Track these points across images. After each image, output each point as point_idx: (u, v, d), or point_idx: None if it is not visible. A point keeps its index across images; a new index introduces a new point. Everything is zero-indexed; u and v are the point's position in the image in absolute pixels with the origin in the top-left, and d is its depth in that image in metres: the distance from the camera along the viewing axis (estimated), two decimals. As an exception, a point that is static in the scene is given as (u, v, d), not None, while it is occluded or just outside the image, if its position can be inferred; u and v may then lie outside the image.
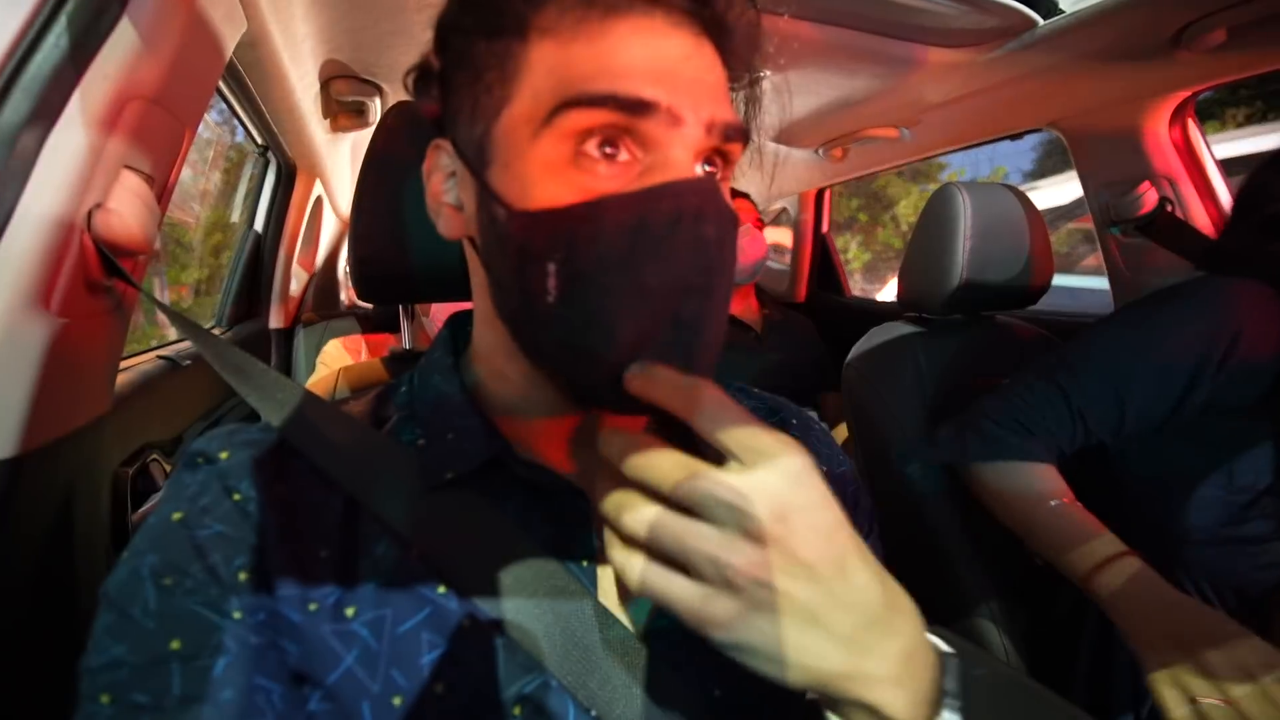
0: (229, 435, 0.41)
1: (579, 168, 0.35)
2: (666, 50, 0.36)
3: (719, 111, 0.37)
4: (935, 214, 1.09)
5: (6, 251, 0.44)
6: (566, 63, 0.35)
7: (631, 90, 0.34)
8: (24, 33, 0.44)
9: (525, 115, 0.36)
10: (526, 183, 0.36)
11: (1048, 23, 0.90)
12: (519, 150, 0.37)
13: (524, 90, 0.36)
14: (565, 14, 0.36)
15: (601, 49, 0.35)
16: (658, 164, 0.36)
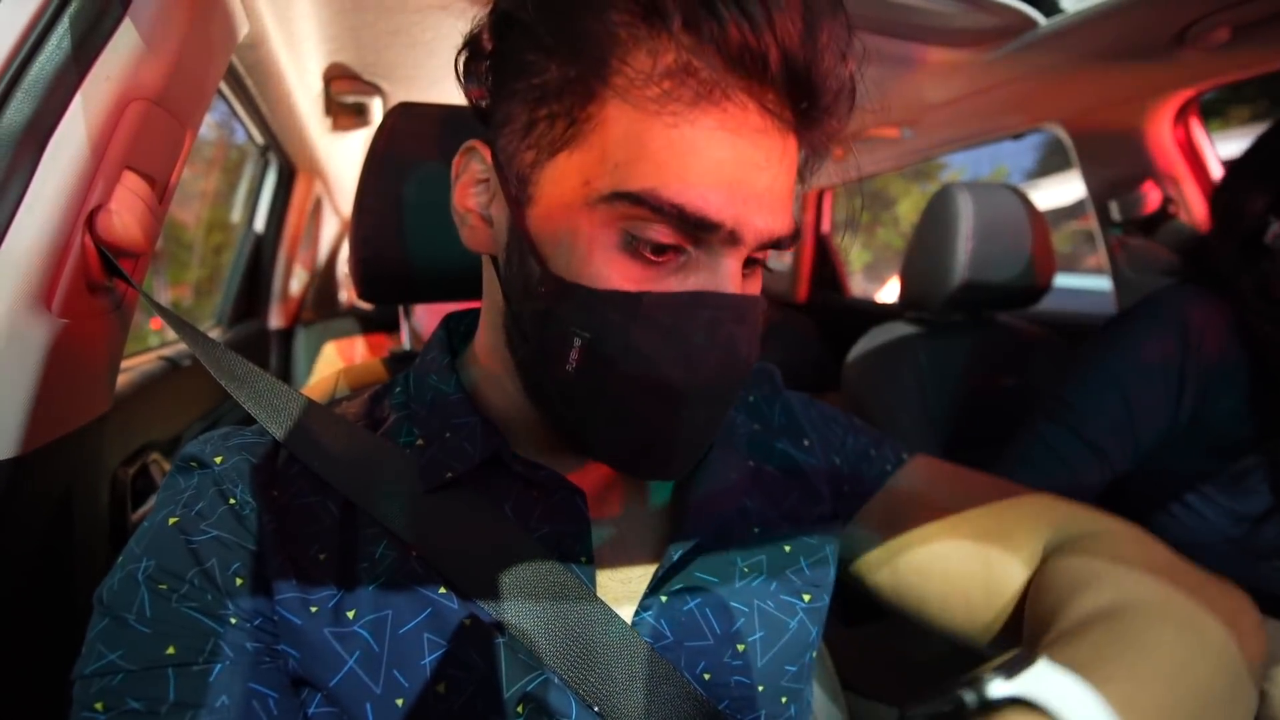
0: (223, 439, 0.41)
1: (625, 253, 0.34)
2: (749, 159, 0.33)
3: (778, 225, 0.35)
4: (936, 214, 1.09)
5: (9, 252, 0.44)
6: (642, 141, 0.32)
7: (699, 208, 0.32)
8: (26, 34, 0.44)
9: (584, 175, 0.34)
10: (567, 249, 0.35)
11: (1049, 22, 0.90)
12: (566, 209, 0.35)
13: (590, 145, 0.34)
14: (653, 81, 0.32)
15: (681, 142, 0.32)
16: (704, 266, 0.35)
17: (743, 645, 0.41)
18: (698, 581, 0.42)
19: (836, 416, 0.57)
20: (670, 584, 0.41)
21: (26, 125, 0.44)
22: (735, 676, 0.40)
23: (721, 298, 0.35)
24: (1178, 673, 0.33)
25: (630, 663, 0.37)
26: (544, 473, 0.41)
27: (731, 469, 0.46)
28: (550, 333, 0.36)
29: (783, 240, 0.36)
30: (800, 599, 0.45)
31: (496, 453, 0.41)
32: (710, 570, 0.43)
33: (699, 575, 0.42)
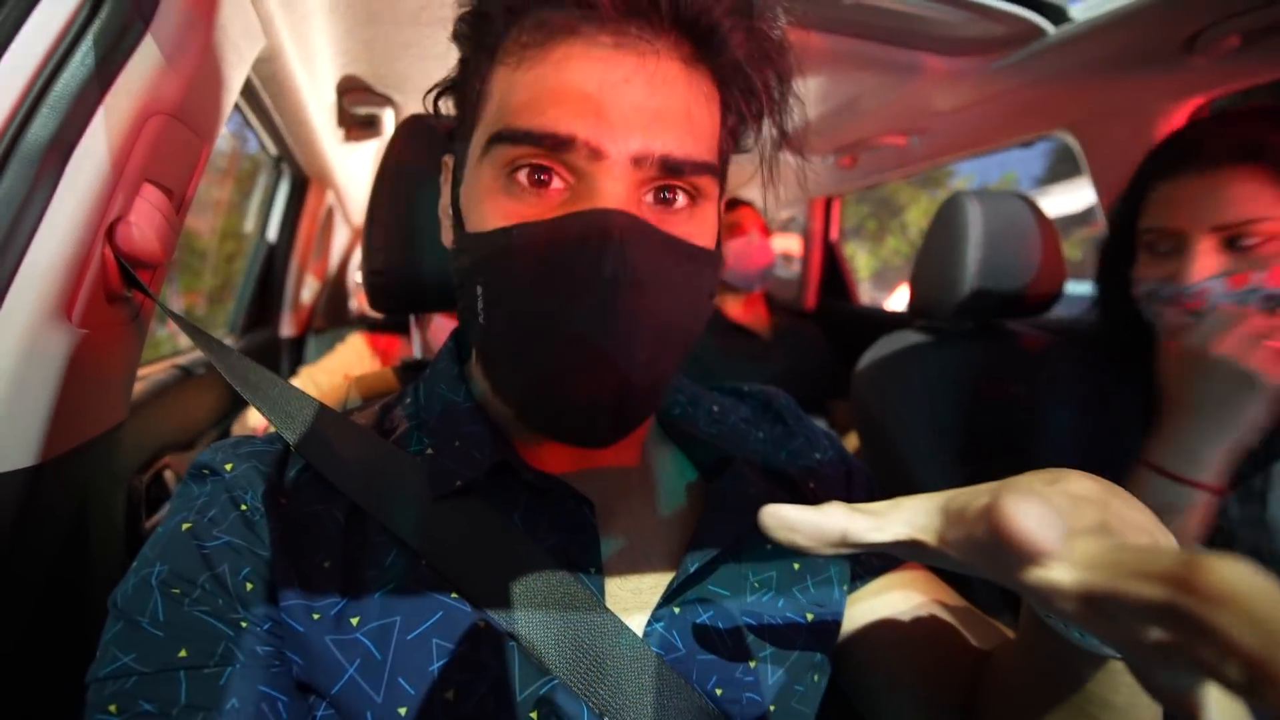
0: (234, 447, 0.42)
1: (509, 194, 0.36)
2: (599, 76, 0.34)
3: (656, 143, 0.35)
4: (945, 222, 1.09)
5: (32, 264, 0.45)
6: (508, 91, 0.37)
7: (546, 126, 0.34)
8: (52, 51, 0.45)
9: (477, 141, 0.39)
10: (471, 205, 0.39)
11: (1057, 30, 0.90)
12: (472, 174, 0.39)
13: (483, 115, 0.39)
14: (518, 39, 0.37)
15: (534, 79, 0.35)
16: (584, 193, 0.35)
17: (754, 661, 0.41)
18: (710, 594, 0.42)
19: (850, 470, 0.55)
20: (684, 595, 0.41)
21: (50, 140, 0.45)
22: (747, 693, 0.40)
23: (582, 213, 0.34)
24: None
25: (640, 674, 0.37)
26: (553, 482, 0.41)
27: (748, 482, 0.46)
28: (464, 290, 0.39)
29: (677, 163, 0.35)
30: (804, 617, 0.44)
31: (506, 461, 0.41)
32: (723, 583, 0.42)
33: (712, 588, 0.42)
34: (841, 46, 0.99)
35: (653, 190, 0.37)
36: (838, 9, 0.84)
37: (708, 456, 0.48)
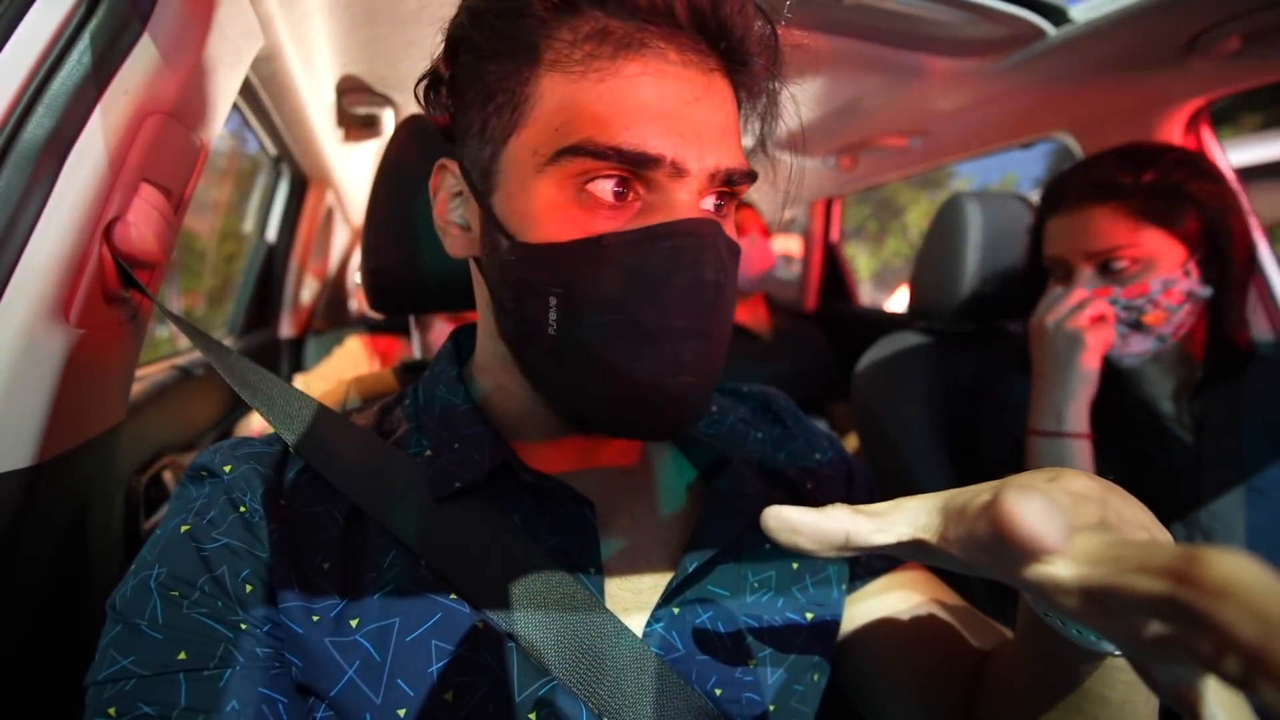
0: (232, 449, 0.41)
1: (582, 206, 0.36)
2: (675, 94, 0.36)
3: (724, 159, 0.37)
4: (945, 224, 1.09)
5: (29, 263, 0.45)
6: (575, 101, 0.35)
7: (636, 144, 0.34)
8: (49, 50, 0.45)
9: (532, 148, 0.37)
10: (529, 216, 0.37)
11: (1058, 32, 0.89)
12: (523, 182, 0.37)
13: (532, 121, 0.37)
14: (576, 47, 0.36)
15: (609, 92, 0.35)
16: (660, 204, 0.36)
17: (753, 661, 0.41)
18: (709, 594, 0.42)
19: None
20: (683, 595, 0.41)
21: (47, 139, 0.45)
22: (746, 693, 0.40)
23: (676, 224, 0.35)
24: None
25: (640, 675, 0.37)
26: (553, 483, 0.41)
27: (747, 483, 0.46)
28: (528, 302, 0.38)
29: (736, 176, 0.38)
30: (803, 616, 0.44)
31: (505, 463, 0.41)
32: (722, 583, 0.42)
33: (711, 588, 0.42)
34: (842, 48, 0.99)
35: (709, 199, 0.38)
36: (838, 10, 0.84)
37: (706, 457, 0.48)
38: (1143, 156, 0.80)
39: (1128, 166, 0.80)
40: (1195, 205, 0.77)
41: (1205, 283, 0.80)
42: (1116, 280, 0.80)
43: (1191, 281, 0.79)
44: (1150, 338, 0.80)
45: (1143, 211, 0.78)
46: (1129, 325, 0.80)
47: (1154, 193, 0.78)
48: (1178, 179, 0.78)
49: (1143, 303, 0.79)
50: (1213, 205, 0.78)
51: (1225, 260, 0.78)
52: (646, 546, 0.44)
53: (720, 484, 0.45)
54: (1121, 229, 0.79)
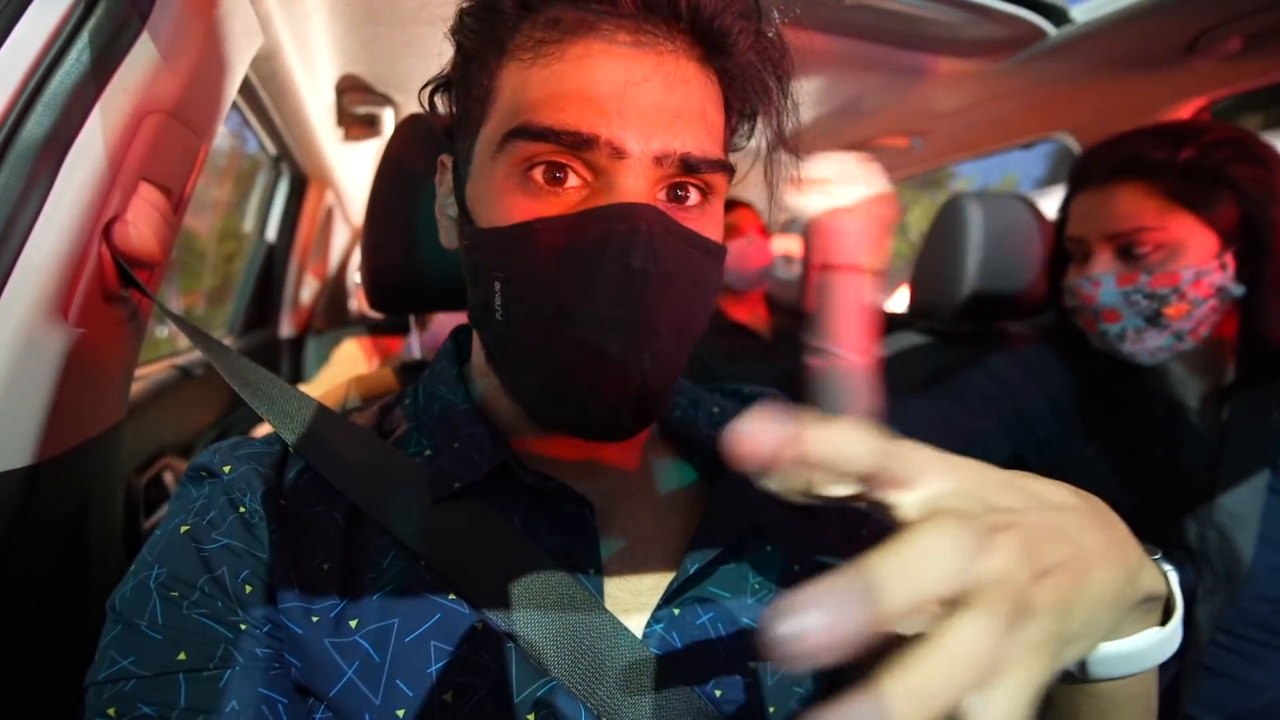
0: (232, 449, 0.41)
1: (525, 191, 0.36)
2: (619, 75, 0.34)
3: (675, 142, 0.35)
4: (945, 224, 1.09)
5: (28, 262, 0.45)
6: (522, 87, 0.36)
7: (569, 124, 0.34)
8: (48, 48, 0.45)
9: (489, 136, 0.38)
10: (484, 201, 0.38)
11: (1059, 32, 0.90)
12: (483, 170, 0.39)
13: (495, 111, 0.38)
14: (531, 35, 0.36)
15: (552, 74, 0.35)
16: (603, 189, 0.35)
17: (753, 663, 0.41)
18: (710, 595, 0.42)
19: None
20: (683, 596, 0.41)
21: (46, 137, 0.45)
22: (746, 695, 0.40)
23: (606, 207, 0.34)
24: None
25: (639, 676, 0.37)
26: (552, 484, 0.41)
27: (747, 484, 0.46)
28: (480, 286, 0.39)
29: (695, 162, 0.36)
30: None
31: (505, 463, 0.41)
32: (723, 585, 0.42)
33: (711, 589, 0.42)
34: (843, 48, 0.99)
35: (666, 188, 0.37)
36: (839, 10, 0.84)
37: (708, 458, 0.48)
38: (1183, 133, 0.73)
39: (1164, 142, 0.72)
40: (1235, 191, 0.69)
41: (1240, 279, 0.72)
42: (1140, 265, 0.72)
43: (1226, 276, 0.71)
44: (1165, 333, 0.73)
45: (1174, 192, 0.70)
46: (1145, 318, 0.73)
47: (1189, 173, 0.70)
48: (1219, 159, 0.70)
49: (1168, 293, 0.71)
50: (1255, 193, 0.69)
51: (1264, 255, 0.70)
52: (646, 547, 0.43)
53: (721, 486, 0.45)
54: (1148, 209, 0.71)
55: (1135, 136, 0.75)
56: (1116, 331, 0.75)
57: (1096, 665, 0.28)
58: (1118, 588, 0.25)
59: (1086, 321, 0.79)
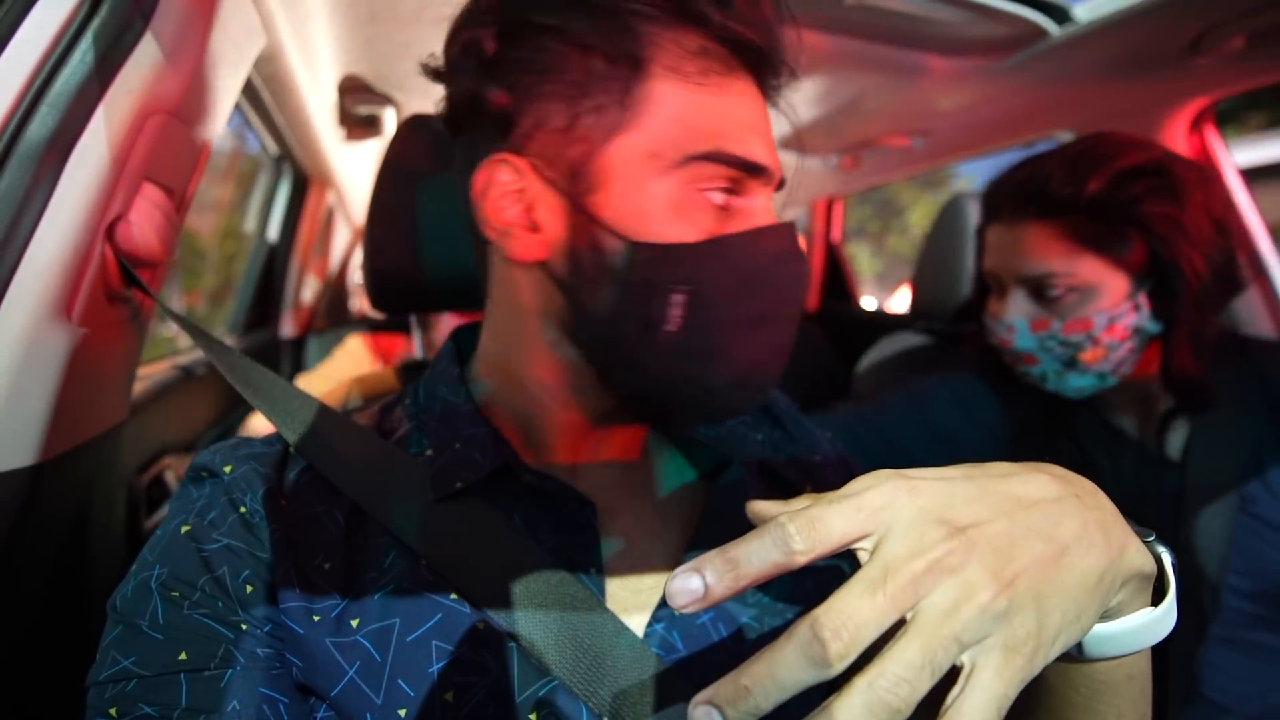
0: (233, 449, 0.41)
1: (700, 209, 0.38)
2: (764, 114, 0.41)
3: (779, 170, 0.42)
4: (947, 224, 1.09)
5: (31, 262, 0.45)
6: (698, 110, 0.38)
7: (757, 157, 0.39)
8: (52, 48, 0.45)
9: (650, 150, 0.37)
10: (649, 217, 0.37)
11: (1061, 32, 0.89)
12: (638, 182, 0.37)
13: (648, 122, 0.37)
14: (689, 59, 0.38)
15: (728, 107, 0.39)
16: (746, 209, 0.40)
17: None
18: None
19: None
20: None
21: (50, 138, 0.45)
22: None
23: (778, 226, 0.41)
24: None
25: (641, 675, 0.37)
26: (553, 484, 0.41)
27: (747, 484, 0.46)
28: (654, 299, 0.38)
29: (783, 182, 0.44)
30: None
31: (506, 463, 0.41)
32: None
33: None
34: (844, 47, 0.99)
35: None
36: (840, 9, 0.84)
37: (707, 458, 0.48)
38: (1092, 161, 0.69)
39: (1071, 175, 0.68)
40: (1144, 232, 0.67)
41: (1158, 316, 0.70)
42: (1053, 310, 0.70)
43: (1141, 316, 0.69)
44: (1086, 374, 0.72)
45: (1081, 234, 0.68)
46: (1063, 363, 0.72)
47: (1096, 212, 0.67)
48: (1127, 196, 0.67)
49: (1082, 339, 0.69)
50: (1164, 233, 0.66)
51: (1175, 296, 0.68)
52: (647, 547, 0.44)
53: (721, 485, 0.45)
54: (1056, 253, 0.69)
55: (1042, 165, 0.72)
56: (1038, 373, 0.75)
57: (1088, 645, 0.29)
58: (1099, 570, 0.27)
59: (1009, 360, 0.78)
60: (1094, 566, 0.26)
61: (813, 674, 0.23)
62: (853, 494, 0.26)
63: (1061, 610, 0.25)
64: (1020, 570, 0.25)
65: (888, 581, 0.24)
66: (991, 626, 0.24)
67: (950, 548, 0.25)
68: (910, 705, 0.22)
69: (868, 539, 0.26)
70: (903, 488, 0.26)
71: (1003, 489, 0.27)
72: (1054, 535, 0.26)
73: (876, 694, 0.22)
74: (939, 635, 0.23)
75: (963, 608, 0.24)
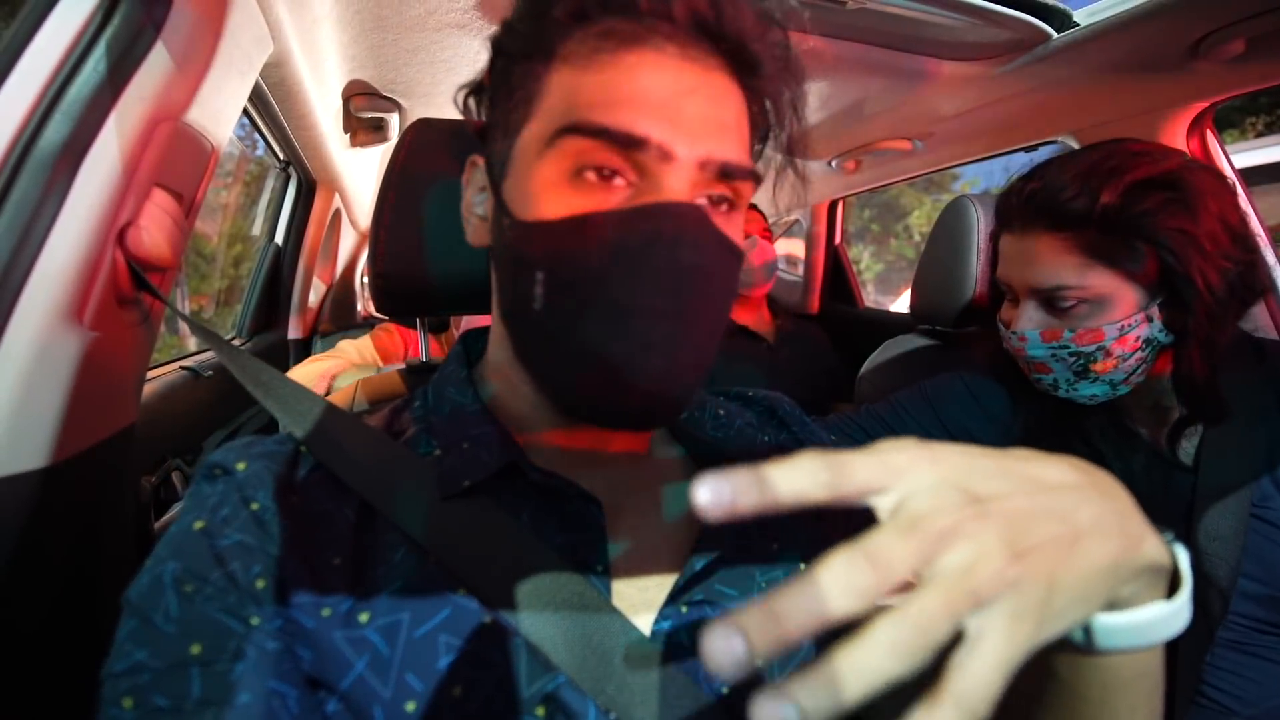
0: (245, 447, 0.42)
1: (574, 188, 0.38)
2: (669, 84, 0.37)
3: (717, 149, 0.38)
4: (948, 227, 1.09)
5: (44, 267, 0.45)
6: (576, 89, 0.38)
7: (624, 124, 0.36)
8: (65, 58, 0.46)
9: (536, 134, 0.39)
10: (529, 197, 0.39)
11: (1061, 36, 0.90)
12: (528, 167, 0.40)
13: (540, 111, 0.39)
14: (585, 42, 0.38)
15: (607, 79, 0.37)
16: (648, 190, 0.37)
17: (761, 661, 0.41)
18: (717, 593, 0.42)
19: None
20: (690, 594, 0.41)
21: (63, 145, 0.46)
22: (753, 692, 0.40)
23: (656, 204, 0.36)
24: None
25: (647, 673, 0.37)
26: (560, 482, 0.41)
27: None
28: (521, 278, 0.39)
29: (733, 169, 0.39)
30: None
31: (513, 462, 0.41)
32: (730, 583, 0.43)
33: (719, 588, 0.42)
34: (846, 52, 0.99)
35: (704, 194, 0.40)
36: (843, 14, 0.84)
37: (713, 459, 0.49)
38: (1102, 175, 0.68)
39: (1082, 188, 0.68)
40: (1154, 244, 0.66)
41: (1171, 328, 0.69)
42: (1065, 320, 0.70)
43: (1153, 327, 0.69)
44: (1098, 383, 0.72)
45: (1093, 248, 0.68)
46: (1074, 372, 0.72)
47: (1108, 225, 0.67)
48: (1141, 210, 0.66)
49: (1093, 350, 0.70)
50: (1177, 248, 0.66)
51: (1186, 309, 0.67)
52: (653, 545, 0.44)
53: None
54: (1068, 267, 0.69)
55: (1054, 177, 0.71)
56: (1049, 381, 0.75)
57: (1100, 636, 0.29)
58: (1111, 557, 0.27)
59: (1023, 367, 0.78)
60: (1108, 553, 0.27)
61: (843, 604, 0.23)
62: (878, 451, 0.26)
63: (1069, 590, 0.26)
64: (1034, 546, 0.25)
65: (915, 530, 0.24)
66: (1002, 594, 0.24)
67: (969, 514, 0.25)
68: (929, 652, 0.22)
69: (886, 497, 0.26)
70: (925, 455, 0.26)
71: (1024, 470, 0.27)
72: (1070, 519, 0.26)
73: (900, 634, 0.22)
74: (959, 589, 0.23)
75: (978, 569, 0.24)
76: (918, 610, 0.23)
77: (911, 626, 0.22)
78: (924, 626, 0.22)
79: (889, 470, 0.26)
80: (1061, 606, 0.25)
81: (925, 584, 0.23)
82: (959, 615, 0.23)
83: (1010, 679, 0.24)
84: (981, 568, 0.24)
